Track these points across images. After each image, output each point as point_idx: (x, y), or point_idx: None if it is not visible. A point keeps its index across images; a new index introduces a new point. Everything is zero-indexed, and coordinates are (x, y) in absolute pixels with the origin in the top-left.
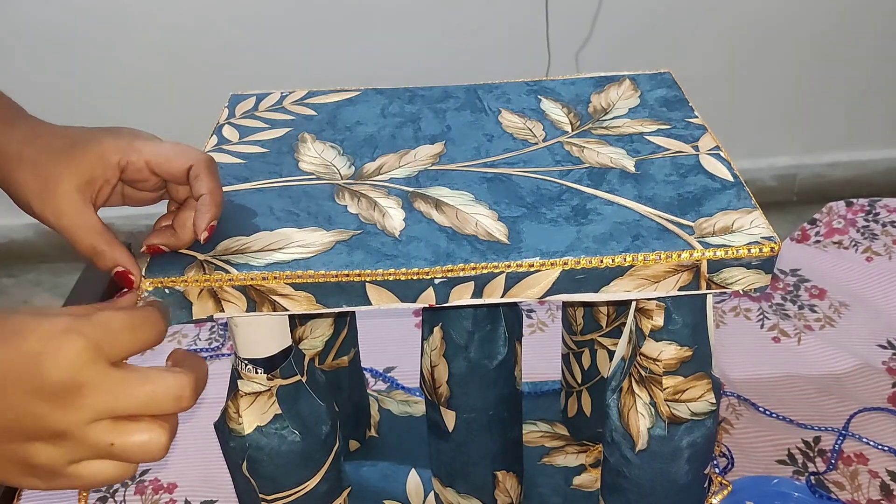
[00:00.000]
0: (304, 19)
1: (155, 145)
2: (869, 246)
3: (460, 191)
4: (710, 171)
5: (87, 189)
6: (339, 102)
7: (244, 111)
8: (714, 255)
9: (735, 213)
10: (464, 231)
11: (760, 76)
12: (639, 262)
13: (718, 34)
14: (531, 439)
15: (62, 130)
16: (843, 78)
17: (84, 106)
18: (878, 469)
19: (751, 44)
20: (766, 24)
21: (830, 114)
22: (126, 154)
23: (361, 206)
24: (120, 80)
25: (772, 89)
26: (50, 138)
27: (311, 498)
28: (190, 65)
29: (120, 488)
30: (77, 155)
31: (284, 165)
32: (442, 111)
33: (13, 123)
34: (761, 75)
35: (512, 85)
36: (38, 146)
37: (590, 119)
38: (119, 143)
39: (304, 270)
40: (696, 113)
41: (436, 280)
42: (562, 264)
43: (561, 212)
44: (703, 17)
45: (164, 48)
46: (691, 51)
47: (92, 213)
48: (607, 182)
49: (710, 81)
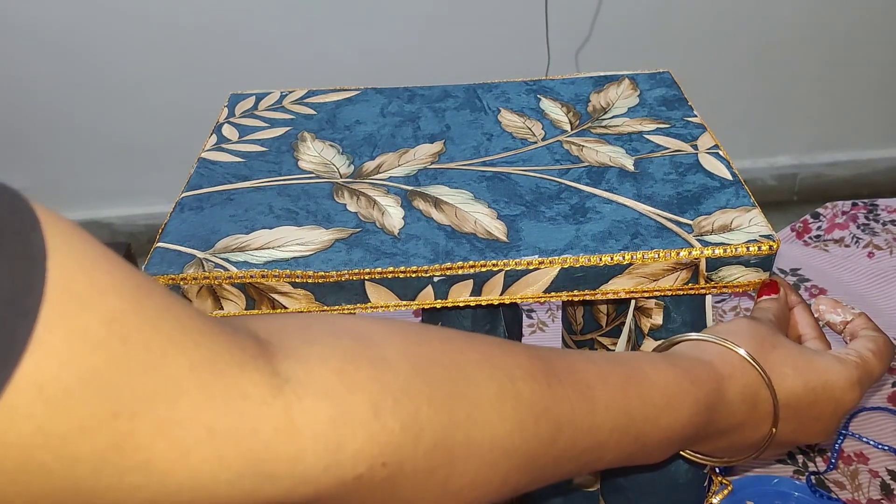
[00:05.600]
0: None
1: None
2: (870, 240)
3: (459, 189)
4: (708, 170)
5: None
6: (338, 102)
7: (244, 110)
8: (713, 253)
9: (734, 211)
10: (463, 229)
11: (760, 75)
12: (637, 261)
13: (718, 34)
14: None
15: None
16: (844, 78)
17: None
18: (879, 468)
19: (751, 43)
20: (767, 24)
21: (830, 113)
22: None
23: (360, 205)
24: (120, 79)
25: (772, 88)
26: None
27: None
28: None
29: None
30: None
31: (284, 164)
32: (441, 110)
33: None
34: (761, 75)
35: (511, 84)
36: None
37: (589, 118)
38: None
39: (304, 269)
40: (695, 112)
41: (435, 278)
42: (561, 262)
43: (560, 210)
44: (703, 17)
45: (163, 47)
46: (691, 51)
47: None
48: (606, 181)
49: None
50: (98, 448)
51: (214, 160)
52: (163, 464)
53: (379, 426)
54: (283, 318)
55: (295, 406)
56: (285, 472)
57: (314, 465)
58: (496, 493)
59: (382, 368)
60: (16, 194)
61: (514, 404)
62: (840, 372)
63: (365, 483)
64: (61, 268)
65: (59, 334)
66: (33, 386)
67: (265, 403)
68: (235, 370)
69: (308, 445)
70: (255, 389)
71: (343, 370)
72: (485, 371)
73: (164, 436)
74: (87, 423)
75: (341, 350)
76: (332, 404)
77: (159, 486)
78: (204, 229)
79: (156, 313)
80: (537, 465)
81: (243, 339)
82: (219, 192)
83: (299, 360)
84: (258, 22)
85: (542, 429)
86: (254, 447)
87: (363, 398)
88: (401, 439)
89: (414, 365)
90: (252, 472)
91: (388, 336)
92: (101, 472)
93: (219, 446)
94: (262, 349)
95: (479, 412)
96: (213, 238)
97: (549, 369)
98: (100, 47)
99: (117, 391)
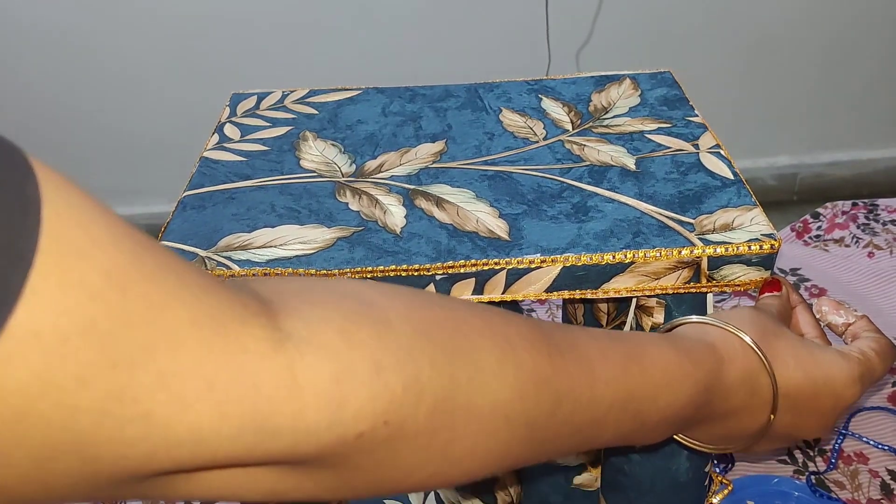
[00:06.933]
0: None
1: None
2: (870, 240)
3: (461, 188)
4: (710, 169)
5: None
6: (340, 101)
7: (245, 109)
8: (714, 251)
9: (735, 210)
10: (465, 228)
11: (761, 75)
12: (639, 259)
13: (719, 34)
14: None
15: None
16: (844, 77)
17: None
18: (879, 468)
19: (751, 43)
20: (767, 24)
21: (831, 113)
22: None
23: (362, 204)
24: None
25: (772, 88)
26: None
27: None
28: (192, 63)
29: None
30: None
31: (286, 163)
32: (443, 110)
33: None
34: (762, 74)
35: (512, 84)
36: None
37: (590, 118)
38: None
39: (306, 267)
40: (696, 112)
41: (437, 276)
42: (563, 261)
43: (562, 209)
44: (703, 17)
45: (165, 47)
46: (691, 50)
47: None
48: (608, 180)
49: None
50: (97, 398)
51: (216, 159)
52: (163, 416)
53: (381, 384)
54: (285, 280)
55: (297, 362)
56: (287, 427)
57: (316, 421)
58: (496, 463)
59: (384, 329)
60: (11, 146)
61: (515, 371)
62: (842, 366)
63: (366, 442)
64: (57, 218)
65: (55, 282)
66: (29, 333)
67: (267, 358)
68: (237, 325)
69: (310, 402)
70: (256, 344)
71: (345, 329)
72: (486, 337)
73: (163, 388)
74: (85, 373)
75: (343, 311)
76: (334, 362)
77: (160, 439)
78: (206, 228)
79: (156, 268)
80: (536, 437)
81: (245, 296)
82: (221, 191)
83: (301, 319)
84: (259, 22)
85: (543, 398)
86: (255, 402)
87: (365, 356)
88: (403, 399)
89: (416, 327)
90: (253, 427)
91: (390, 299)
92: (101, 423)
93: (219, 400)
94: (265, 307)
95: (481, 376)
96: (216, 237)
97: (550, 341)
98: (101, 46)
99: (116, 341)
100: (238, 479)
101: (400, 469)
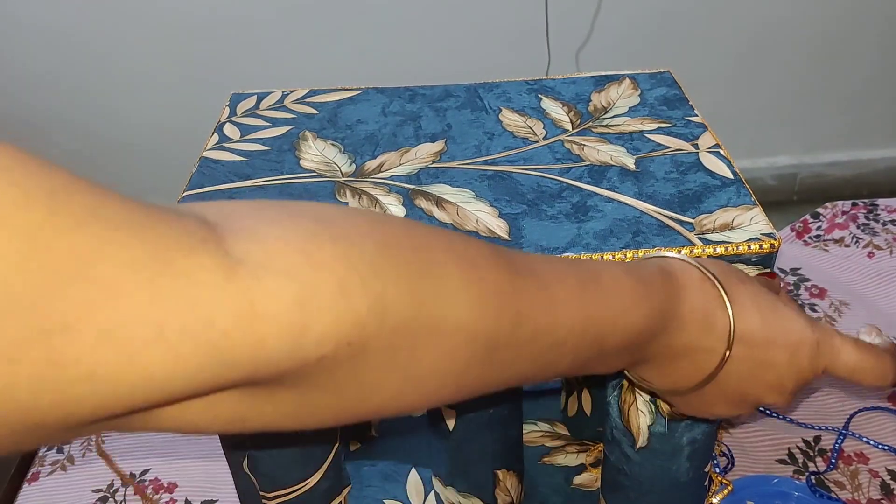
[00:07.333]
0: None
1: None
2: (870, 240)
3: (461, 188)
4: (709, 169)
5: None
6: (340, 101)
7: (245, 109)
8: (714, 251)
9: (735, 209)
10: (465, 228)
11: (761, 75)
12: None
13: (718, 34)
14: (531, 439)
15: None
16: (844, 77)
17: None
18: (879, 468)
19: (751, 43)
20: (767, 24)
21: (831, 113)
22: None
23: (362, 203)
24: (121, 78)
25: (772, 89)
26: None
27: (312, 495)
28: (192, 63)
29: (120, 488)
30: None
31: (285, 163)
32: (442, 110)
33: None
34: (761, 74)
35: (512, 84)
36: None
37: (590, 117)
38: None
39: None
40: (695, 112)
41: None
42: None
43: (561, 209)
44: (703, 17)
45: (165, 46)
46: (691, 50)
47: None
48: (608, 179)
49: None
50: (33, 370)
51: (216, 159)
52: (109, 371)
53: (346, 306)
54: (235, 202)
55: (254, 289)
56: (247, 358)
57: (277, 349)
58: (455, 383)
59: (347, 247)
60: None
61: (477, 290)
62: (802, 324)
63: (328, 363)
64: None
65: None
66: None
67: (219, 288)
68: (182, 257)
69: (271, 330)
70: (206, 275)
71: (306, 249)
72: (449, 256)
73: (107, 342)
74: (13, 351)
75: (302, 230)
76: (296, 284)
77: (109, 393)
78: None
79: (81, 217)
80: (497, 358)
81: (189, 222)
82: (220, 191)
83: (256, 241)
84: (259, 21)
85: (504, 318)
86: (211, 338)
87: (330, 277)
88: (367, 319)
89: (378, 244)
90: (210, 364)
91: (349, 217)
92: (41, 391)
93: (172, 343)
94: (213, 232)
95: (445, 293)
96: None
97: (510, 263)
98: (100, 46)
99: (41, 309)
100: (195, 406)
101: (360, 388)
